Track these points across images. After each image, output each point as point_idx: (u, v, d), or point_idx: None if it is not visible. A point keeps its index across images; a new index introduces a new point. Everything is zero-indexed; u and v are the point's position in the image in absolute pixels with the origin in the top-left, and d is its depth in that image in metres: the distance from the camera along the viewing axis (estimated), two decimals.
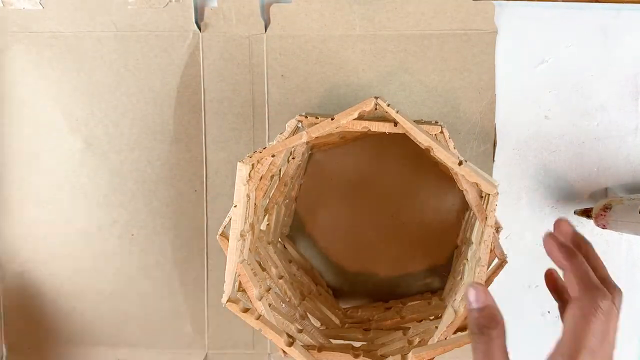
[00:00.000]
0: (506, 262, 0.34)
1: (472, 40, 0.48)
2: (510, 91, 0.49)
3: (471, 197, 0.34)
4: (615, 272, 0.43)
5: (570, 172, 0.50)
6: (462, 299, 0.35)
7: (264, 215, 0.43)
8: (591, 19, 0.48)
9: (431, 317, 0.43)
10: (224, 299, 0.35)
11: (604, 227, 0.46)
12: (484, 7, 0.48)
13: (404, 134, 0.34)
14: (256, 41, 0.49)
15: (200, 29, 0.49)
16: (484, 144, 0.49)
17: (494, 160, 0.50)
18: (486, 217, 0.33)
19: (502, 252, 0.34)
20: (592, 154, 0.49)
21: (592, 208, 0.47)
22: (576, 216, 0.49)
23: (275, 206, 0.43)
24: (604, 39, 0.48)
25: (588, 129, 0.49)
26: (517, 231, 0.50)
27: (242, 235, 0.35)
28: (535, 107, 0.49)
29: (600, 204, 0.46)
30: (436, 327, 0.37)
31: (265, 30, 0.49)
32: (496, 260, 0.36)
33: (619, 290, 0.32)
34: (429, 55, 0.49)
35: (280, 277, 0.40)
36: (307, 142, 0.43)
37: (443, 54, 0.48)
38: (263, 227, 0.44)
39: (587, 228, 0.50)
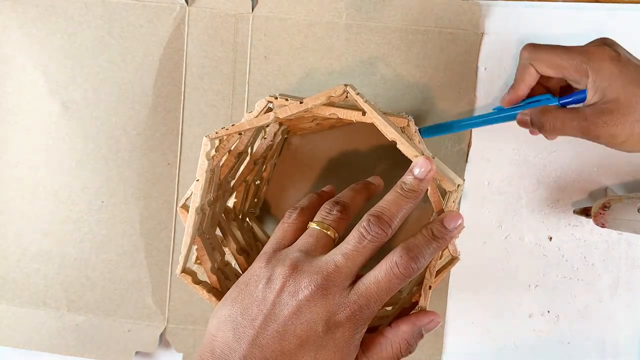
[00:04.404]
0: (458, 259, 0.35)
1: (457, 40, 0.48)
2: None
3: (431, 192, 0.34)
4: (615, 271, 0.44)
5: (570, 172, 0.50)
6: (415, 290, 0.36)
7: (231, 193, 0.43)
8: (591, 19, 0.48)
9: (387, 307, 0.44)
10: (178, 270, 0.35)
11: (603, 225, 0.46)
12: (471, 8, 0.48)
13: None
14: (242, 20, 0.49)
15: (187, 3, 0.49)
16: (459, 144, 0.50)
17: (467, 161, 0.50)
18: (442, 211, 0.33)
19: (455, 249, 0.34)
20: (592, 154, 0.50)
21: (591, 207, 0.48)
22: (575, 215, 0.49)
23: (244, 184, 0.44)
24: None
25: None
26: (517, 231, 0.50)
27: (202, 209, 0.36)
28: None
29: (599, 203, 0.47)
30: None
31: (252, 10, 0.49)
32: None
33: None
34: (413, 51, 0.49)
35: (241, 254, 0.40)
36: (281, 124, 0.43)
37: (427, 50, 0.49)
38: (230, 204, 0.44)
39: (586, 227, 0.50)
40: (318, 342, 0.31)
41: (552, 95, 0.44)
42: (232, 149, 0.38)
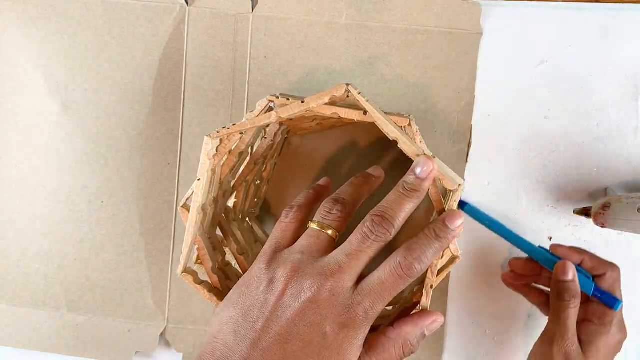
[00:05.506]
0: (458, 258, 0.35)
1: (457, 40, 0.48)
2: (510, 91, 0.50)
3: (432, 191, 0.34)
4: None
5: (570, 172, 0.50)
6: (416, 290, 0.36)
7: (232, 192, 0.43)
8: (591, 19, 0.49)
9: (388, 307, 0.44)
10: (179, 270, 0.35)
11: (603, 225, 0.46)
12: (470, 8, 0.48)
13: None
14: (242, 20, 0.49)
15: (187, 3, 0.49)
16: (459, 144, 0.50)
17: (467, 161, 0.50)
18: (443, 211, 0.33)
19: (456, 249, 0.34)
20: (592, 154, 0.50)
21: (591, 207, 0.48)
22: (575, 215, 0.50)
23: (244, 184, 0.44)
24: (604, 39, 0.49)
25: (588, 129, 0.50)
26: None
27: (203, 209, 0.36)
28: (535, 107, 0.50)
29: (599, 203, 0.47)
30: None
31: (252, 10, 0.49)
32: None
33: None
34: (413, 51, 0.49)
35: (242, 254, 0.40)
36: (281, 124, 0.43)
37: (426, 50, 0.49)
38: (230, 204, 0.44)
39: (586, 228, 0.50)
40: (322, 343, 0.30)
41: (592, 278, 0.46)
42: (233, 148, 0.38)
